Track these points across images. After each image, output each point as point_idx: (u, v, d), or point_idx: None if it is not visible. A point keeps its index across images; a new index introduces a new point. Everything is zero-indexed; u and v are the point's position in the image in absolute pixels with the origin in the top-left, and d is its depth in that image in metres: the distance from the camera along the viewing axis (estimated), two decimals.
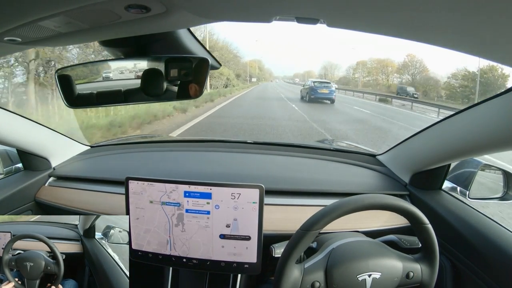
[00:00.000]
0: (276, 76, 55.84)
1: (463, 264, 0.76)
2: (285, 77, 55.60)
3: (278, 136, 5.66)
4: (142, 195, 0.78)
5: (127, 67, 0.67)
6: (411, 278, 0.63)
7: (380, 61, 32.76)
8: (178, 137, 3.84)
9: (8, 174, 1.04)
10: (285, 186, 0.94)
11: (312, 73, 46.31)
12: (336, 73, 42.02)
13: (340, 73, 40.18)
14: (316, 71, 45.89)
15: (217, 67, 0.71)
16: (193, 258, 0.78)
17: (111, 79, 0.67)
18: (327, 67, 43.56)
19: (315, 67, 53.22)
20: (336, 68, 43.55)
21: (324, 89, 12.36)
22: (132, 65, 0.66)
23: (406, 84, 26.02)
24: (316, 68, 49.96)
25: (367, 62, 34.67)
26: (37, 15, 0.39)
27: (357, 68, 36.14)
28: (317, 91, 12.25)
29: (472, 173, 0.87)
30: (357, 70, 36.09)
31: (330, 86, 12.81)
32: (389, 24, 0.41)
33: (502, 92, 0.57)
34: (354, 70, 36.43)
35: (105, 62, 0.69)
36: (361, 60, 35.78)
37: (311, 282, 0.60)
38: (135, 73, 0.66)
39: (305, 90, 13.15)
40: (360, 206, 0.59)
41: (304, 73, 49.62)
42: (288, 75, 56.80)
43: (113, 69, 0.68)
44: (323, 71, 44.01)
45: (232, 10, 0.43)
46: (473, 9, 0.32)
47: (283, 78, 55.41)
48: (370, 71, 34.02)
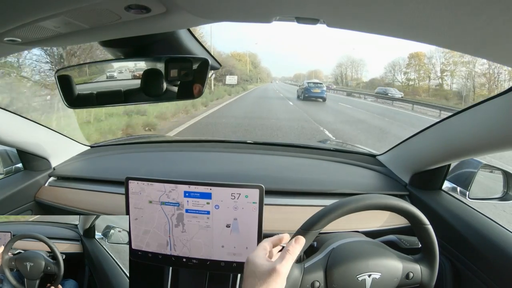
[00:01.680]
0: (274, 77, 54.82)
1: (463, 264, 0.76)
2: (284, 78, 54.71)
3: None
4: (141, 195, 0.78)
5: (128, 67, 0.67)
6: (411, 278, 0.63)
7: None
8: (178, 137, 3.86)
9: (8, 174, 1.04)
10: (285, 186, 0.94)
11: (319, 73, 44.41)
12: (364, 73, 34.52)
13: (368, 74, 32.46)
14: (326, 71, 43.30)
15: (217, 67, 0.71)
16: (193, 258, 0.78)
17: (115, 79, 0.67)
18: (344, 66, 35.46)
19: (322, 66, 51.81)
20: (360, 66, 34.98)
21: (317, 89, 14.52)
22: (132, 65, 0.67)
23: None
24: (324, 67, 48.24)
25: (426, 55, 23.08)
26: (37, 15, 0.39)
27: (410, 64, 24.69)
28: (310, 90, 14.38)
29: (472, 173, 0.87)
30: (409, 66, 24.73)
31: (322, 86, 15.11)
32: (389, 24, 0.41)
33: (502, 92, 0.57)
34: (405, 66, 24.60)
35: (105, 62, 0.69)
36: (417, 52, 24.03)
37: (311, 282, 0.60)
38: (131, 74, 0.66)
39: (300, 90, 15.36)
40: (360, 206, 0.59)
41: (308, 73, 47.99)
42: (287, 76, 56.15)
43: (114, 70, 0.68)
44: (338, 70, 38.17)
45: (232, 10, 0.43)
46: (473, 9, 0.32)
47: (281, 79, 54.49)
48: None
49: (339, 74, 39.56)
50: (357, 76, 37.26)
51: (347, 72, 38.59)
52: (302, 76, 50.06)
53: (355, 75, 37.80)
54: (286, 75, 60.33)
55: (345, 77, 37.74)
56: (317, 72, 47.86)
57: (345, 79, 37.05)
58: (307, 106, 12.11)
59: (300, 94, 15.02)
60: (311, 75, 45.73)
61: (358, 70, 37.29)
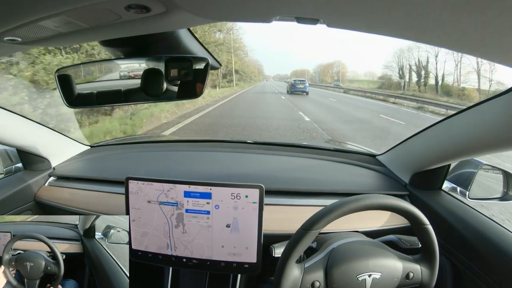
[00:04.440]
0: (268, 76, 52.63)
1: (463, 264, 0.76)
2: (278, 76, 53.31)
3: None
4: (140, 195, 0.78)
5: (130, 67, 0.67)
6: (411, 278, 0.63)
7: None
8: (178, 137, 3.85)
9: (8, 174, 1.04)
10: (285, 186, 0.94)
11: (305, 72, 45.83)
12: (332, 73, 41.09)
13: None
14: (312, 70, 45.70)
15: (217, 67, 0.71)
16: (193, 258, 0.77)
17: (129, 77, 0.67)
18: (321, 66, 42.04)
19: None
20: (330, 68, 41.58)
21: (301, 85, 18.03)
22: (130, 66, 0.67)
23: None
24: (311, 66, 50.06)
25: None
26: (37, 15, 0.39)
27: None
28: (296, 86, 17.76)
29: (472, 173, 0.87)
30: None
31: (305, 82, 18.73)
32: (389, 24, 0.41)
33: (502, 92, 0.57)
34: None
35: (105, 62, 0.69)
36: None
37: (311, 282, 0.60)
38: (127, 74, 0.66)
39: (288, 86, 18.92)
40: (360, 206, 0.59)
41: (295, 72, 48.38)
42: (281, 73, 55.06)
43: (127, 69, 0.68)
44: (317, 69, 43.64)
45: (232, 10, 0.43)
46: (473, 9, 0.32)
47: (275, 77, 53.18)
48: None
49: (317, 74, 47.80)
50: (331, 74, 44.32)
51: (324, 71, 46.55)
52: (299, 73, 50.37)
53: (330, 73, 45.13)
54: (281, 72, 59.03)
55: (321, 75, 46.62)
56: (303, 71, 49.23)
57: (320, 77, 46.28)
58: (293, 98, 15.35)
59: (288, 90, 18.21)
60: (299, 73, 48.24)
61: (329, 70, 45.05)
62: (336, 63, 43.05)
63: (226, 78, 21.68)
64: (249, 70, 31.40)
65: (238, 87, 22.72)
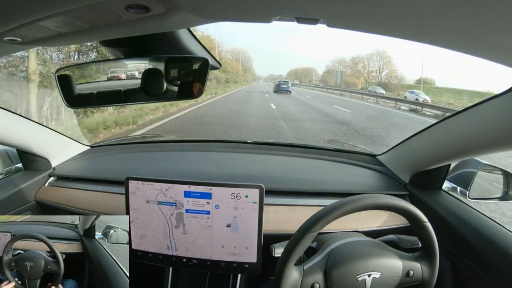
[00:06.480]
0: (259, 76, 51.12)
1: (463, 264, 0.76)
2: (272, 76, 51.97)
3: None
4: (140, 195, 0.78)
5: (137, 67, 0.66)
6: (411, 276, 0.63)
7: None
8: (178, 137, 3.85)
9: (8, 174, 1.04)
10: (285, 186, 0.94)
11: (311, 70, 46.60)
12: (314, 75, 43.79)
13: None
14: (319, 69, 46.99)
15: (217, 67, 0.71)
16: (193, 258, 0.77)
17: (135, 77, 0.66)
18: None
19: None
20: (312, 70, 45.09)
21: (284, 85, 20.50)
22: (130, 66, 0.67)
23: None
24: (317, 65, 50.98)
25: None
26: (37, 15, 0.39)
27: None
28: (280, 86, 20.26)
29: (472, 173, 0.87)
30: None
31: (288, 83, 21.80)
32: (389, 24, 0.41)
33: (502, 92, 0.57)
34: None
35: (105, 62, 0.69)
36: None
37: (311, 284, 0.60)
38: (125, 73, 0.66)
39: (274, 86, 21.63)
40: (357, 207, 0.59)
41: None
42: (275, 74, 54.09)
43: (134, 69, 0.67)
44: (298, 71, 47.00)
45: (232, 10, 0.43)
46: (473, 9, 0.32)
47: (267, 78, 51.88)
48: None
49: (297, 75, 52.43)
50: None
51: None
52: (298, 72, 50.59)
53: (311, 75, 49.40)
54: (274, 73, 57.76)
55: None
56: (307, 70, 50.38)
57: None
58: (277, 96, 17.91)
59: (274, 89, 20.85)
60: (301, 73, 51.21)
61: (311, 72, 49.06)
62: None
63: None
64: (233, 70, 27.05)
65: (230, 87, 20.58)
